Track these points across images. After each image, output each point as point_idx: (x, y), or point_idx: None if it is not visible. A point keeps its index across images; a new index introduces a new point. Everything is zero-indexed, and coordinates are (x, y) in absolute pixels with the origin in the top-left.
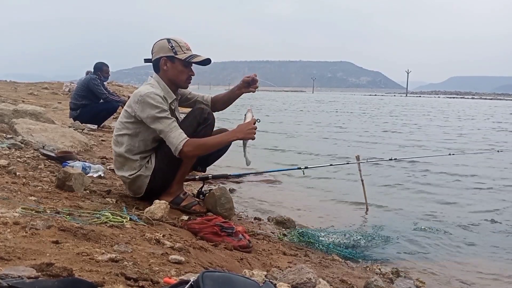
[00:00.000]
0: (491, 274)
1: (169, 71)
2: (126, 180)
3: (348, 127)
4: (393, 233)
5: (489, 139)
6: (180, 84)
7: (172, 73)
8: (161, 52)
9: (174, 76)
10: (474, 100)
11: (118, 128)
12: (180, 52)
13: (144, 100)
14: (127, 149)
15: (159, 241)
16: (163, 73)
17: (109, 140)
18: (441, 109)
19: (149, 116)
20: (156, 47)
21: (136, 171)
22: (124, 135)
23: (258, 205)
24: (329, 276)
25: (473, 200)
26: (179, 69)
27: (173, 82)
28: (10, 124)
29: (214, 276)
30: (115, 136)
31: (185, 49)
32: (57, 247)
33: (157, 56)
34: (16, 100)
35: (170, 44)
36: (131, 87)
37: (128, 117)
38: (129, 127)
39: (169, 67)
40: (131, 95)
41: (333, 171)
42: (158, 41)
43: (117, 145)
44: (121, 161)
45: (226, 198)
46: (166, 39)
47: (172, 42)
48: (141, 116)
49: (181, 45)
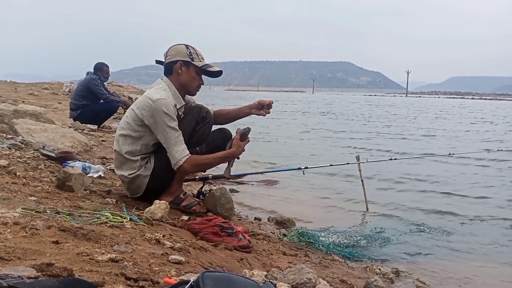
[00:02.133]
0: (492, 274)
1: (182, 75)
2: (125, 180)
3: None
4: (393, 233)
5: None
6: (190, 90)
7: (185, 78)
8: (178, 56)
9: (186, 81)
10: (481, 101)
11: (123, 127)
12: (196, 59)
13: (156, 107)
14: (128, 151)
15: (159, 241)
16: (176, 77)
17: (109, 140)
18: (451, 111)
19: (159, 124)
20: (173, 50)
21: (136, 171)
22: (127, 136)
23: (258, 205)
24: (329, 276)
25: (473, 199)
26: (193, 75)
27: (183, 87)
28: (10, 124)
29: (214, 276)
30: (118, 135)
31: (201, 58)
32: (57, 247)
33: (173, 59)
34: (16, 100)
35: (188, 50)
36: (131, 87)
37: (135, 119)
38: (134, 129)
39: (184, 71)
40: (138, 96)
41: (333, 171)
42: (175, 45)
43: (118, 144)
44: (121, 160)
45: (226, 198)
46: (184, 45)
47: (190, 48)
48: (149, 122)
49: (197, 53)
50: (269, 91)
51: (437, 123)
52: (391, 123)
